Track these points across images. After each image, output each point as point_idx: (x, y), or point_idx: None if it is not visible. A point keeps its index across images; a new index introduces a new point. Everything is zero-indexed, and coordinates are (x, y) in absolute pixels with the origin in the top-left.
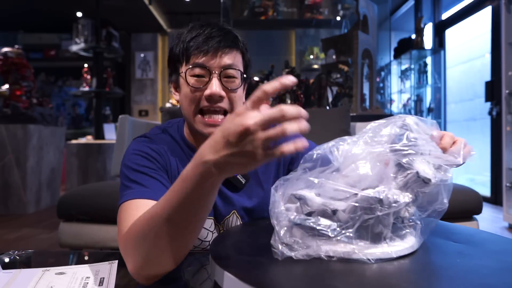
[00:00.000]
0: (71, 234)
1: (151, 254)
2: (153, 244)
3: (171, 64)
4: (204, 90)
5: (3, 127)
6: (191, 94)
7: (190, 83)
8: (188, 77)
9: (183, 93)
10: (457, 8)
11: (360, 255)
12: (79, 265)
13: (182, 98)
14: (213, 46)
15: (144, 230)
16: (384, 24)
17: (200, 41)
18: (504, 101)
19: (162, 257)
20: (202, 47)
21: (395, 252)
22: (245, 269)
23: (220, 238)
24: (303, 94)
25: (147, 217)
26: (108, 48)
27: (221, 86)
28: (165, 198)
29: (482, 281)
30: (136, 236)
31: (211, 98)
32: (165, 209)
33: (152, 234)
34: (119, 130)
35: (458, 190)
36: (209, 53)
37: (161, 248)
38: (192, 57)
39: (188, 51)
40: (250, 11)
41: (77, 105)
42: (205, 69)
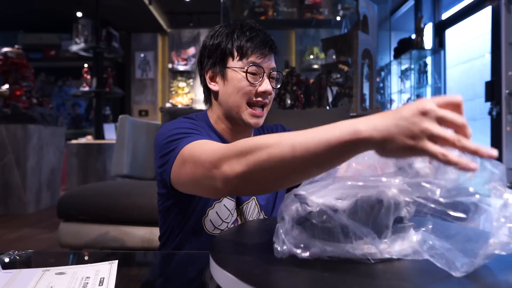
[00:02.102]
0: (71, 234)
1: (254, 170)
2: (263, 161)
3: (213, 56)
4: (257, 86)
5: (3, 127)
6: (246, 88)
7: (249, 79)
8: (247, 74)
9: (234, 85)
10: (457, 8)
11: (361, 255)
12: (79, 265)
13: (231, 89)
14: (268, 50)
15: (258, 144)
16: (384, 24)
17: (258, 43)
18: (504, 101)
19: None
20: (261, 50)
21: (395, 252)
22: (245, 269)
23: (220, 238)
24: (303, 94)
25: (272, 138)
26: (108, 48)
27: (269, 84)
28: (301, 132)
29: (482, 281)
30: (244, 147)
31: (263, 94)
32: (295, 139)
33: (267, 152)
34: (119, 130)
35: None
36: (265, 56)
37: (263, 172)
38: (250, 56)
39: (247, 50)
40: (250, 11)
41: (77, 105)
42: (260, 69)
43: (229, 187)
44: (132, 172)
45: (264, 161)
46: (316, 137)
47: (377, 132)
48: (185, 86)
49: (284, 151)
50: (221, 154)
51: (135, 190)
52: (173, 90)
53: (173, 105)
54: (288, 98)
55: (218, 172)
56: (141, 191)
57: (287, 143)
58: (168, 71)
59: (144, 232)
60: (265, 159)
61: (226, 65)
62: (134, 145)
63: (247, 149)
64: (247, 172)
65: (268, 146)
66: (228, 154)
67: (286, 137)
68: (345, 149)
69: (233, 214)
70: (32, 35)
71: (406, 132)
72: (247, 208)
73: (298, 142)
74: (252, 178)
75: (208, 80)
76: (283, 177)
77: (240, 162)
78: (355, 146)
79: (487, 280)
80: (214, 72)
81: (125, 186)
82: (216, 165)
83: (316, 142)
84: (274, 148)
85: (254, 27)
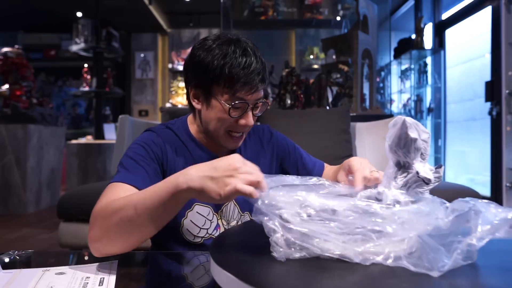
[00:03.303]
0: (71, 234)
1: (111, 232)
2: (116, 224)
3: (200, 76)
4: (238, 119)
5: (3, 127)
6: (226, 120)
7: (231, 114)
8: (228, 107)
9: (215, 114)
10: (457, 8)
11: (359, 256)
12: (79, 265)
13: (212, 117)
14: (257, 83)
15: (114, 209)
16: (384, 24)
17: (249, 76)
18: (504, 101)
19: (118, 238)
20: (250, 84)
21: (393, 252)
22: (245, 269)
23: (220, 238)
24: (303, 94)
25: (122, 201)
26: (108, 48)
27: (251, 117)
28: (143, 191)
29: (483, 281)
30: (106, 211)
31: (243, 127)
32: (137, 200)
33: (119, 216)
34: (119, 130)
35: (458, 190)
36: (253, 91)
37: (121, 231)
38: (239, 91)
39: (235, 82)
40: (250, 11)
41: (77, 105)
42: (245, 104)
43: (94, 250)
44: None
45: (117, 223)
46: (150, 195)
47: (193, 183)
48: (182, 91)
49: (130, 212)
50: (95, 214)
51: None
52: (173, 90)
53: (173, 105)
54: (288, 98)
55: (90, 227)
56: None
57: (131, 205)
58: (168, 71)
59: None
60: (118, 222)
61: (211, 91)
62: None
63: (107, 215)
64: (98, 234)
65: (119, 210)
66: (95, 220)
67: (131, 198)
68: (173, 199)
69: (212, 220)
70: (32, 35)
71: (214, 181)
72: (227, 210)
73: (138, 202)
74: (113, 239)
75: (192, 97)
76: (133, 233)
77: (93, 229)
78: (179, 196)
79: (488, 280)
80: (197, 92)
81: None
82: (92, 219)
83: (151, 199)
84: (123, 211)
85: (247, 52)
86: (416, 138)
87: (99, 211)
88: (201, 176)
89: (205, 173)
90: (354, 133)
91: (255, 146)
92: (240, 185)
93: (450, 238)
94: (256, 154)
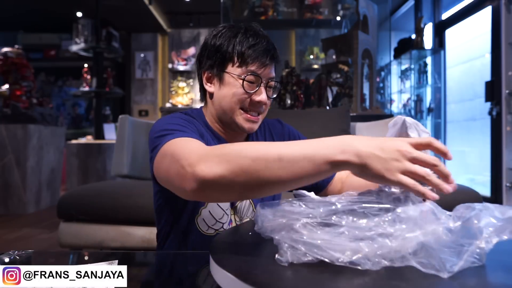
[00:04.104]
0: (71, 234)
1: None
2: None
3: (213, 57)
4: (252, 94)
5: (3, 127)
6: (241, 95)
7: (245, 88)
8: (243, 82)
9: (229, 90)
10: (457, 8)
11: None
12: (79, 265)
13: (226, 93)
14: (269, 60)
15: (248, 151)
16: (384, 24)
17: (259, 51)
18: (504, 101)
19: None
20: (261, 59)
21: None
22: (245, 269)
23: (220, 238)
24: (303, 94)
25: (259, 144)
26: (108, 48)
27: (266, 94)
28: (285, 144)
29: (483, 281)
30: (236, 151)
31: (258, 103)
32: (282, 150)
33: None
34: (119, 130)
35: (458, 190)
36: (265, 66)
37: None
38: (250, 64)
39: (247, 57)
40: (250, 11)
41: (77, 105)
42: (258, 78)
43: (200, 189)
44: (132, 172)
45: (249, 165)
46: (303, 151)
47: (358, 158)
48: (185, 86)
49: (270, 160)
50: (201, 154)
51: (135, 190)
52: (173, 90)
53: (173, 105)
54: (288, 98)
55: (193, 171)
56: (141, 191)
57: (274, 152)
58: (168, 71)
59: (144, 232)
60: (249, 164)
61: (224, 70)
62: (134, 145)
63: (231, 153)
64: (227, 175)
65: (254, 152)
66: (208, 155)
67: (274, 146)
68: (328, 167)
69: (228, 214)
70: (32, 35)
71: (383, 162)
72: (241, 206)
73: (285, 153)
74: (230, 182)
75: (205, 81)
76: (262, 185)
77: (221, 164)
78: (337, 166)
79: (488, 280)
80: (211, 73)
81: (125, 186)
82: (192, 164)
83: (302, 156)
84: (260, 154)
85: (258, 33)
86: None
87: (207, 151)
88: (368, 151)
89: (373, 150)
90: (354, 133)
91: (267, 137)
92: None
93: (459, 240)
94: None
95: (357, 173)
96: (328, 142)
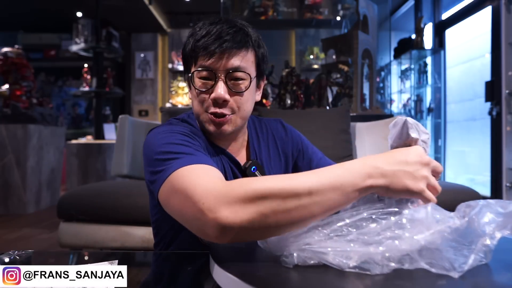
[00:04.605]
0: (71, 234)
1: (273, 210)
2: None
3: (183, 62)
4: (210, 92)
5: (3, 127)
6: (199, 95)
7: (196, 86)
8: (196, 80)
9: (192, 92)
10: (457, 8)
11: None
12: (79, 265)
13: (192, 97)
14: (220, 47)
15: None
16: (384, 24)
17: (208, 41)
18: (504, 101)
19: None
20: (209, 48)
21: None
22: (245, 269)
23: None
24: (303, 94)
25: (285, 180)
26: (108, 48)
27: (226, 89)
28: (313, 172)
29: (484, 279)
30: (262, 191)
31: (216, 102)
32: (311, 183)
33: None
34: (119, 130)
35: (458, 190)
36: (215, 55)
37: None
38: (200, 58)
39: (196, 52)
40: (250, 11)
41: (77, 105)
42: (211, 72)
43: (226, 235)
44: (132, 172)
45: (278, 206)
46: (331, 182)
47: (384, 179)
48: (185, 86)
49: (302, 196)
50: (220, 195)
51: (135, 190)
52: (173, 90)
53: (173, 105)
54: (288, 98)
55: (215, 218)
56: (141, 191)
57: (303, 187)
58: (168, 71)
59: (144, 232)
60: (279, 204)
61: (189, 72)
62: (134, 145)
63: (256, 192)
64: (255, 219)
65: (282, 189)
66: (230, 197)
67: (302, 179)
68: (357, 194)
69: None
70: (32, 35)
71: (410, 176)
72: None
73: (315, 187)
74: (259, 226)
75: (187, 88)
76: (294, 223)
77: (247, 208)
78: (365, 191)
79: (489, 278)
80: (186, 79)
81: (125, 186)
82: (212, 209)
83: (331, 188)
84: (290, 192)
85: (216, 22)
86: (417, 139)
87: (228, 192)
88: (394, 169)
89: (398, 166)
90: (354, 133)
91: (270, 143)
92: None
93: (465, 239)
94: (269, 152)
95: (383, 192)
96: (353, 168)
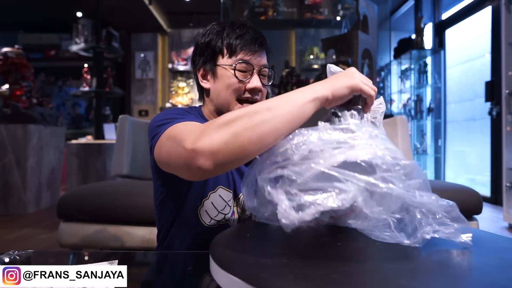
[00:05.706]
0: (71, 234)
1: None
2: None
3: (204, 54)
4: (246, 83)
5: (3, 127)
6: (235, 84)
7: (237, 76)
8: (236, 71)
9: (223, 82)
10: (457, 8)
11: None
12: (79, 265)
13: (220, 87)
14: (258, 47)
15: (241, 113)
16: (384, 24)
17: (248, 40)
18: (504, 101)
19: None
20: (250, 46)
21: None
22: (246, 270)
23: (220, 238)
24: None
25: (246, 108)
26: (108, 48)
27: (260, 81)
28: (274, 99)
29: (484, 278)
30: (231, 118)
31: (253, 91)
32: (271, 103)
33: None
34: (119, 130)
35: (458, 190)
36: (255, 53)
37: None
38: (239, 53)
39: (235, 47)
40: (250, 11)
41: (77, 105)
42: (250, 66)
43: (210, 160)
44: (132, 172)
45: (246, 124)
46: (285, 98)
47: (327, 89)
48: (185, 86)
49: (263, 112)
50: (200, 130)
51: (135, 190)
52: (173, 90)
53: (173, 105)
54: None
55: (195, 148)
56: (141, 191)
57: (263, 105)
58: (168, 71)
59: (144, 232)
60: (246, 123)
61: (216, 63)
62: (134, 145)
63: (226, 120)
64: (230, 139)
65: (246, 113)
66: (206, 129)
67: (262, 102)
68: (309, 105)
69: (230, 205)
70: (32, 35)
71: (344, 76)
72: (243, 199)
73: (272, 104)
74: (235, 144)
75: (200, 78)
76: (264, 136)
77: (221, 130)
78: (314, 101)
79: (489, 277)
80: (205, 70)
81: (125, 186)
82: (193, 141)
83: (286, 101)
84: (252, 110)
85: (244, 25)
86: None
87: (205, 126)
88: (325, 86)
89: (328, 81)
90: None
91: None
92: (361, 84)
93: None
94: None
95: (330, 100)
96: (302, 89)
